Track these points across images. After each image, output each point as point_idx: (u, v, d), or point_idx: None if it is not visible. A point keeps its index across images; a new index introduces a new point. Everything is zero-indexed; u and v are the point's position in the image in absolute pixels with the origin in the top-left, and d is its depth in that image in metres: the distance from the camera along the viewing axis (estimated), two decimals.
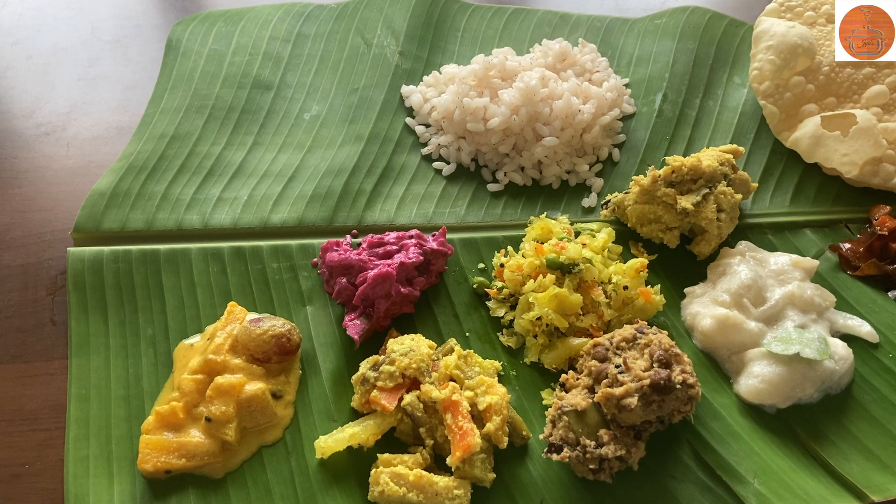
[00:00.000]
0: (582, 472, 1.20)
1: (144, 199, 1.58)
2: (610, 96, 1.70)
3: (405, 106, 1.77)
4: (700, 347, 1.40)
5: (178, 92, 1.76)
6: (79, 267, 1.47)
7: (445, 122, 1.68)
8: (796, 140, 1.60)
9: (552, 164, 1.65)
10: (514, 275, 1.42)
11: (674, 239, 1.50)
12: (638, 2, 2.07)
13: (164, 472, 1.23)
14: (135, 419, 1.30)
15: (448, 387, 1.24)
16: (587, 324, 1.37)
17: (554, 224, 1.52)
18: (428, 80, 1.78)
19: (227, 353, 1.32)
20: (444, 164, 1.67)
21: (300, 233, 1.56)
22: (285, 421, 1.31)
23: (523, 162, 1.65)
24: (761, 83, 1.64)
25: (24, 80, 1.87)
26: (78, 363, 1.37)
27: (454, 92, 1.67)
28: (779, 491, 1.22)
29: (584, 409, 1.19)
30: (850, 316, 1.42)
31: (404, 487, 1.17)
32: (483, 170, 1.67)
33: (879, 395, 1.34)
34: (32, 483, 1.28)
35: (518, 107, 1.62)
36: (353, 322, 1.36)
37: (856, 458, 1.27)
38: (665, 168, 1.48)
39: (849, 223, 1.58)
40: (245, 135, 1.70)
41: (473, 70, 1.68)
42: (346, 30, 1.89)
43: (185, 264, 1.49)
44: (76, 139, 1.76)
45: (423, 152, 1.69)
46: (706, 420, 1.30)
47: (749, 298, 1.39)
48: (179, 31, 1.87)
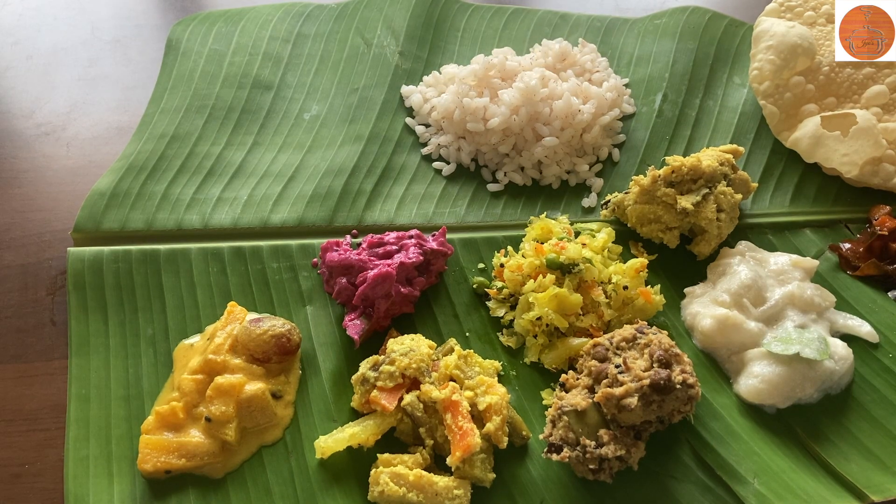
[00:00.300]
0: (582, 472, 1.20)
1: (144, 199, 1.58)
2: (610, 96, 1.70)
3: (405, 106, 1.77)
4: (700, 347, 1.40)
5: (178, 92, 1.76)
6: (79, 267, 1.47)
7: (445, 122, 1.68)
8: (796, 140, 1.60)
9: (552, 164, 1.65)
10: (514, 275, 1.42)
11: (674, 239, 1.50)
12: (638, 2, 2.07)
13: (164, 472, 1.23)
14: (135, 419, 1.30)
15: (448, 387, 1.24)
16: (587, 324, 1.37)
17: (554, 224, 1.52)
18: (428, 80, 1.78)
19: (227, 353, 1.32)
20: (443, 164, 1.67)
21: (300, 233, 1.56)
22: (285, 421, 1.31)
23: (523, 162, 1.65)
24: (761, 83, 1.64)
25: (24, 80, 1.87)
26: (78, 363, 1.37)
27: (454, 92, 1.67)
28: (779, 491, 1.22)
29: (584, 409, 1.19)
30: (850, 316, 1.42)
31: (404, 487, 1.17)
32: (483, 170, 1.67)
33: (879, 395, 1.34)
34: (32, 483, 1.28)
35: (518, 107, 1.62)
36: (353, 322, 1.36)
37: (856, 458, 1.27)
38: (665, 168, 1.48)
39: (849, 223, 1.58)
40: (245, 135, 1.70)
41: (473, 70, 1.68)
42: (346, 30, 1.89)
43: (185, 264, 1.49)
44: (76, 139, 1.76)
45: (422, 152, 1.69)
46: (706, 420, 1.30)
47: (749, 298, 1.39)
48: (179, 31, 1.87)
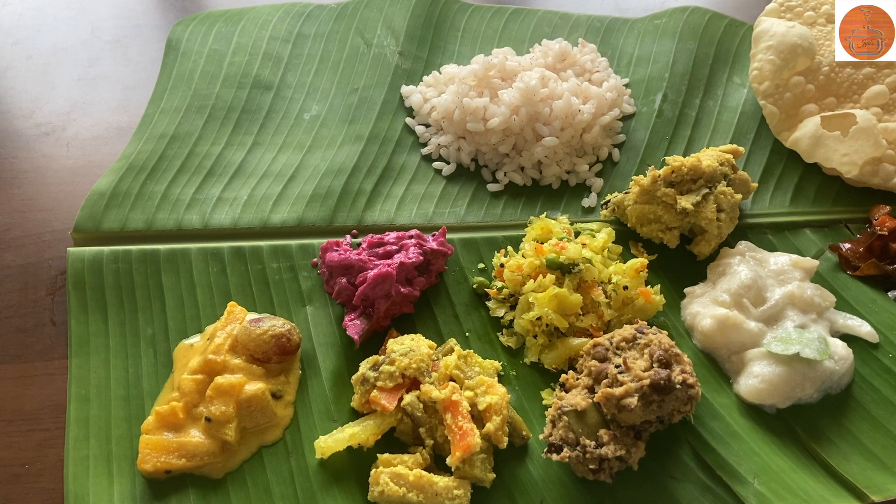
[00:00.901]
0: (582, 472, 1.20)
1: (144, 199, 1.58)
2: (610, 96, 1.70)
3: (405, 106, 1.77)
4: (700, 347, 1.40)
5: (178, 92, 1.76)
6: (79, 267, 1.47)
7: (445, 122, 1.68)
8: (796, 140, 1.60)
9: (552, 164, 1.65)
10: (514, 275, 1.42)
11: (674, 239, 1.50)
12: (638, 2, 2.07)
13: (163, 472, 1.23)
14: (135, 419, 1.30)
15: (448, 387, 1.24)
16: (587, 324, 1.37)
17: (554, 224, 1.52)
18: (428, 81, 1.78)
19: (227, 353, 1.32)
20: (443, 164, 1.67)
21: (300, 233, 1.56)
22: (285, 421, 1.31)
23: (523, 162, 1.65)
24: (761, 83, 1.64)
25: (24, 80, 1.87)
26: (78, 363, 1.37)
27: (454, 92, 1.67)
28: (779, 491, 1.22)
29: (584, 409, 1.19)
30: (850, 316, 1.42)
31: (404, 487, 1.17)
32: (483, 170, 1.67)
33: (879, 395, 1.34)
34: (32, 483, 1.28)
35: (518, 107, 1.62)
36: (353, 322, 1.36)
37: (856, 458, 1.27)
38: (665, 168, 1.48)
39: (849, 223, 1.58)
40: (245, 135, 1.70)
41: (473, 70, 1.68)
42: (346, 30, 1.89)
43: (185, 264, 1.49)
44: (76, 139, 1.76)
45: (422, 152, 1.69)
46: (706, 420, 1.30)
47: (749, 298, 1.39)
48: (179, 30, 1.87)
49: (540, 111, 1.64)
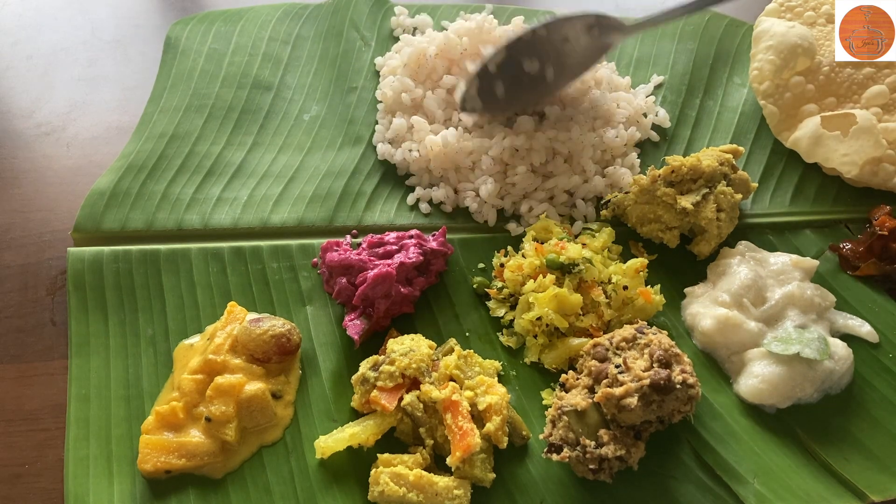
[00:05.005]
0: (582, 472, 1.20)
1: (144, 198, 1.58)
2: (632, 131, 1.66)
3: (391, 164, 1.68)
4: (700, 347, 1.40)
5: (177, 91, 1.76)
6: (79, 267, 1.47)
7: (434, 167, 1.61)
8: (796, 140, 1.60)
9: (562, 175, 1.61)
10: (514, 275, 1.42)
11: (674, 239, 1.50)
12: (638, 2, 2.07)
13: (163, 472, 1.23)
14: (135, 419, 1.30)
15: (448, 387, 1.24)
16: (587, 324, 1.37)
17: (554, 224, 1.52)
18: (406, 143, 1.65)
19: (227, 353, 1.32)
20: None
21: (300, 233, 1.56)
22: (285, 421, 1.31)
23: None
24: (761, 83, 1.64)
25: (24, 80, 1.87)
26: (78, 363, 1.37)
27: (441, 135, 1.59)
28: (779, 491, 1.22)
29: (584, 409, 1.19)
30: (850, 316, 1.42)
31: (404, 487, 1.17)
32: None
33: (879, 395, 1.34)
34: (32, 483, 1.28)
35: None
36: (353, 322, 1.36)
37: (856, 458, 1.27)
38: (665, 168, 1.48)
39: (849, 223, 1.58)
40: (245, 135, 1.70)
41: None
42: (341, 24, 1.86)
43: (185, 264, 1.49)
44: (76, 139, 1.76)
45: (408, 203, 1.61)
46: (706, 420, 1.30)
47: (749, 298, 1.39)
48: (178, 30, 1.87)
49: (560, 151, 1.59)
